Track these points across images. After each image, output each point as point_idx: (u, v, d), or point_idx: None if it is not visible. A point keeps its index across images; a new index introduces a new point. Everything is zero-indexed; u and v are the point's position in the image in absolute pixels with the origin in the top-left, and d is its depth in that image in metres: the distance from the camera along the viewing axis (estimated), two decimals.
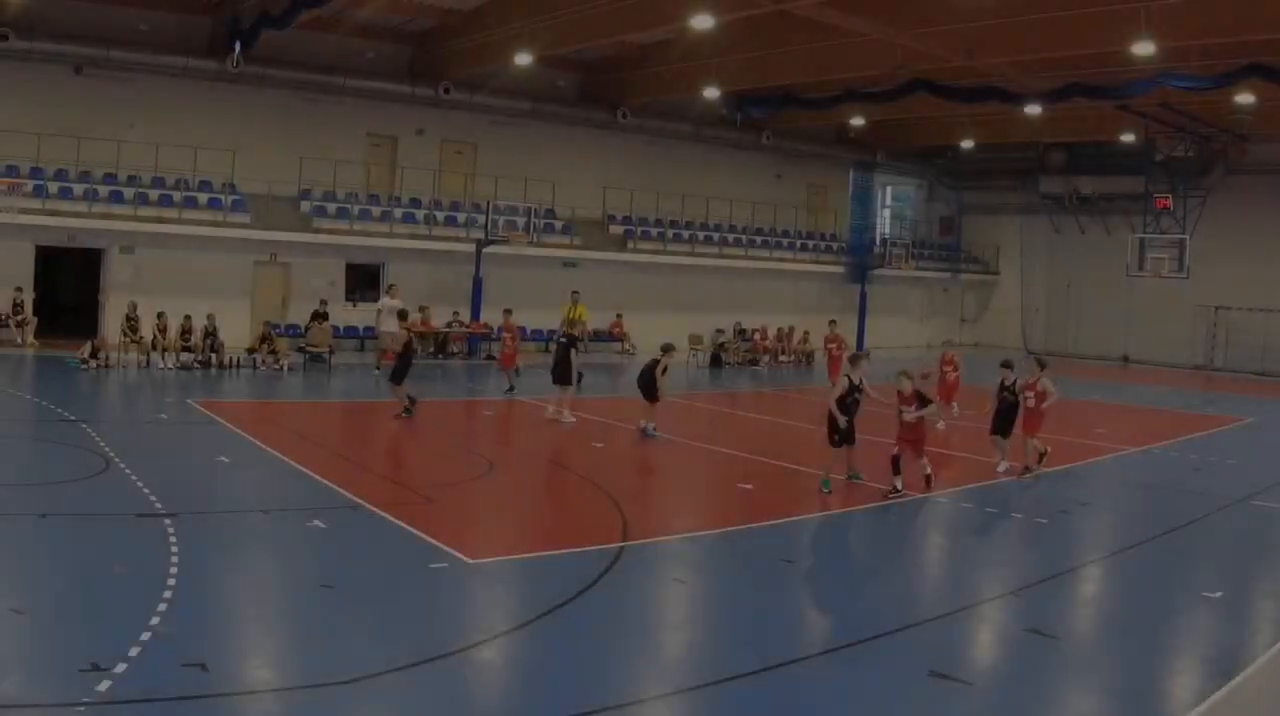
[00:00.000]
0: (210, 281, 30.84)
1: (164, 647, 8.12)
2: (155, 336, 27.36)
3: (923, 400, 15.63)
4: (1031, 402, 17.59)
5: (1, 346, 28.00)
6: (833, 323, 31.07)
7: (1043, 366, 18.32)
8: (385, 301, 28.91)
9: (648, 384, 20.12)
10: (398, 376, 20.94)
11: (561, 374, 21.21)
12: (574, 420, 20.91)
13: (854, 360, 16.37)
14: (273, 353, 28.40)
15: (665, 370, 20.23)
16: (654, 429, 19.68)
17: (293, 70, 33.46)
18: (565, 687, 8.08)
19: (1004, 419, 17.55)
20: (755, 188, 45.86)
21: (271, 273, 33.35)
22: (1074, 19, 26.10)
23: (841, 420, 15.40)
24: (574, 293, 31.04)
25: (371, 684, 7.92)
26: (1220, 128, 39.79)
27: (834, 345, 29.11)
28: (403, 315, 23.11)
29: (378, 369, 27.85)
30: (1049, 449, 17.74)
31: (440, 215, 36.22)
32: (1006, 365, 17.95)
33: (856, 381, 15.58)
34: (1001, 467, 17.55)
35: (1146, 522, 15.34)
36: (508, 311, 25.94)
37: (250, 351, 28.84)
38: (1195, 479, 18.88)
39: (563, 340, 22.09)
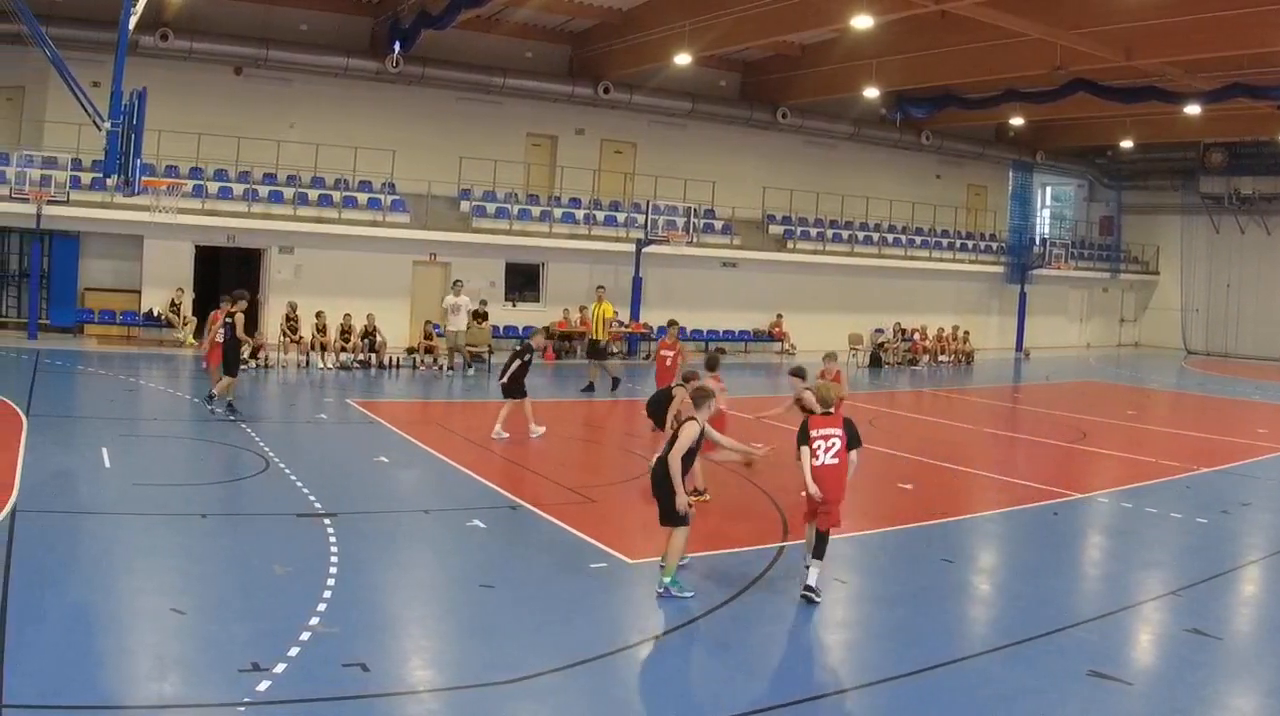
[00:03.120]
0: (369, 281, 31.23)
1: (324, 647, 8.09)
2: (314, 336, 27.79)
3: None
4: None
5: (162, 346, 28.80)
6: (672, 323, 22.35)
7: (798, 374, 12.93)
8: (450, 299, 28.26)
9: (657, 412, 15.98)
10: (229, 368, 19.02)
11: (513, 387, 18.82)
12: (543, 428, 18.96)
13: (698, 399, 10.25)
14: (429, 352, 28.56)
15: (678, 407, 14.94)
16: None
17: (452, 70, 33.82)
18: (725, 687, 8.05)
19: None
20: (915, 187, 45.26)
21: (431, 272, 33.64)
22: (1233, 19, 25.77)
23: (682, 500, 9.83)
24: (599, 288, 29.25)
25: (531, 684, 7.87)
26: None
27: (670, 353, 21.45)
28: (236, 299, 19.46)
29: (469, 369, 27.73)
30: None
31: (600, 215, 36.25)
32: (797, 374, 13.08)
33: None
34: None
35: None
36: (236, 295, 22.35)
37: (410, 351, 29.03)
38: None
39: (517, 348, 19.76)
